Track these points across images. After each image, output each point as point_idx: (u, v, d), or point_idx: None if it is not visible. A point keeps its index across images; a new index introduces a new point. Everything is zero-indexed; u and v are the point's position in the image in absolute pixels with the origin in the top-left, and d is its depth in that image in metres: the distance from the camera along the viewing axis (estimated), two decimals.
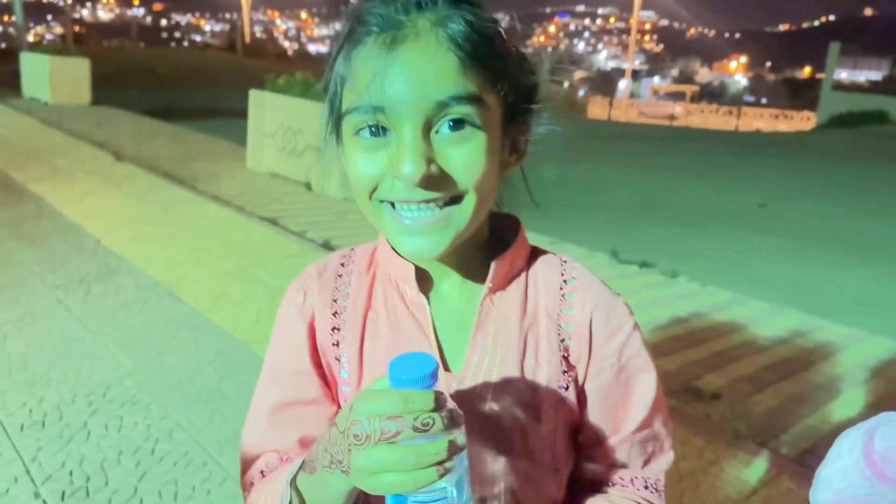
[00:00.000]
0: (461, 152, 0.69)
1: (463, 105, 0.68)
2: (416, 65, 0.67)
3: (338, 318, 0.84)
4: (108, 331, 3.44)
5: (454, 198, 0.71)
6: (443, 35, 0.68)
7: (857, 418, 2.64)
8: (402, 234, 0.73)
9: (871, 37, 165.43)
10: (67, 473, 2.34)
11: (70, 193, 6.08)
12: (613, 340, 0.83)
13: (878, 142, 19.45)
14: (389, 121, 0.69)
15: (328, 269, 0.88)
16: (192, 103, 16.47)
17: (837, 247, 6.98)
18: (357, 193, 0.75)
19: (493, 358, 0.80)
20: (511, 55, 0.75)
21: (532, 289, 0.84)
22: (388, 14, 0.69)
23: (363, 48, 0.69)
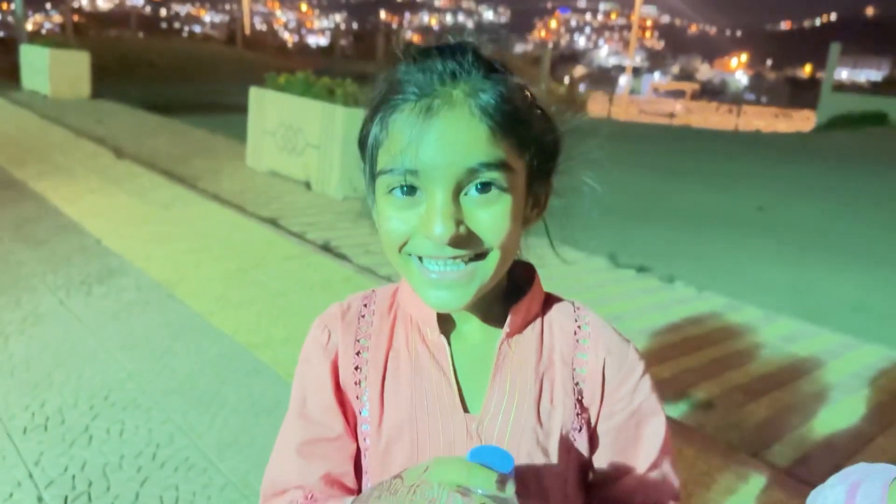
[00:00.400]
0: (488, 214, 0.74)
1: (492, 171, 0.73)
2: (449, 133, 0.71)
3: (360, 357, 0.88)
4: (110, 333, 3.47)
5: (479, 254, 0.76)
6: (475, 105, 0.72)
7: (849, 428, 2.67)
8: (428, 287, 0.77)
9: (872, 36, 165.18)
10: (70, 478, 2.38)
11: (71, 191, 6.10)
12: (625, 385, 0.88)
13: (877, 144, 19.47)
14: (422, 183, 0.73)
15: (351, 310, 0.92)
16: (192, 97, 16.46)
17: (836, 252, 7.01)
18: (387, 246, 0.79)
19: (510, 400, 0.84)
20: (536, 118, 0.80)
21: (547, 334, 0.89)
22: (425, 83, 0.73)
23: (400, 114, 0.74)
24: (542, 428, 0.84)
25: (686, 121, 36.53)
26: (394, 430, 0.85)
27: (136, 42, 36.45)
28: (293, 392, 0.92)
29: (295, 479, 0.88)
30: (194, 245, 4.86)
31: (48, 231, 4.99)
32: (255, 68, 8.84)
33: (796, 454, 2.90)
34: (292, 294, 4.11)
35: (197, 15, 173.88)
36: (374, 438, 0.86)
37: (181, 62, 26.68)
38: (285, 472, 0.89)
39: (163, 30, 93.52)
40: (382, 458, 0.86)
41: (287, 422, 0.91)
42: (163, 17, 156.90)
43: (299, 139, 7.29)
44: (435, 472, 0.63)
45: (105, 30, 56.57)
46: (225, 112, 12.33)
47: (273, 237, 5.19)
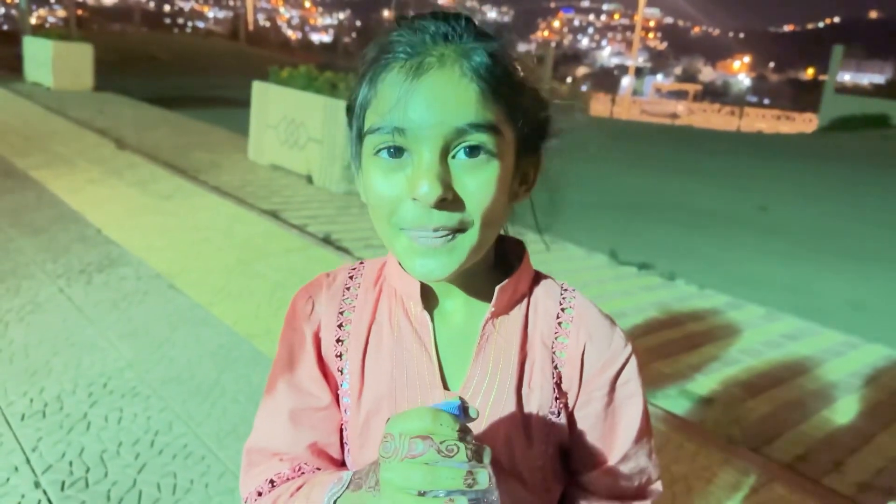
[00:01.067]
0: (475, 179, 0.72)
1: (480, 133, 0.71)
2: (438, 91, 0.70)
3: (342, 329, 0.87)
4: (109, 322, 3.46)
5: (462, 227, 0.74)
6: (466, 66, 0.71)
7: (849, 426, 2.67)
8: (413, 256, 0.75)
9: (875, 39, 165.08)
10: (67, 464, 2.37)
11: (72, 182, 6.09)
12: (605, 373, 0.86)
13: (880, 145, 19.46)
14: (409, 143, 0.71)
15: (336, 281, 0.90)
16: (195, 91, 16.44)
17: (837, 251, 7.00)
18: (375, 217, 0.77)
19: (491, 381, 0.83)
20: (528, 89, 0.78)
21: (532, 315, 0.86)
22: (416, 43, 0.72)
23: (389, 73, 0.72)
24: (521, 411, 0.83)
25: (688, 122, 36.54)
26: (373, 403, 0.84)
27: (140, 36, 36.47)
28: (279, 354, 0.91)
29: (282, 446, 0.88)
30: (195, 236, 4.85)
31: (48, 220, 4.98)
32: (258, 64, 8.81)
33: (797, 450, 2.89)
34: (292, 286, 4.09)
35: (200, 11, 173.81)
36: (354, 411, 0.85)
37: (184, 57, 26.70)
38: (273, 437, 0.89)
39: (166, 25, 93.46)
40: (361, 431, 0.85)
41: (272, 389, 0.90)
42: (166, 12, 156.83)
43: (301, 133, 7.27)
44: (393, 423, 0.62)
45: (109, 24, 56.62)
46: (227, 106, 12.33)
47: (274, 230, 5.18)
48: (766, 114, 42.90)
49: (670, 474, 2.55)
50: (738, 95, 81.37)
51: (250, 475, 0.90)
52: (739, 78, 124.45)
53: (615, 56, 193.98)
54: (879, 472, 2.80)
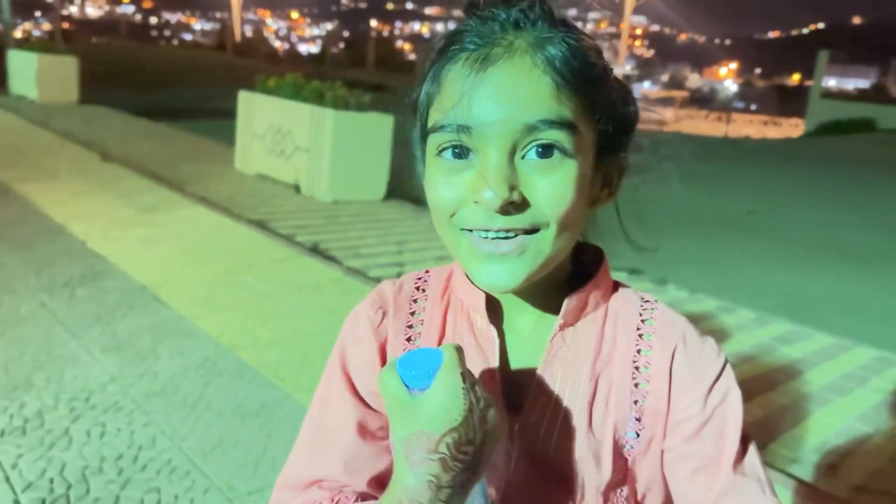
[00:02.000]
0: (547, 181, 0.66)
1: (554, 130, 0.64)
2: (506, 84, 0.64)
3: (411, 343, 0.81)
4: (93, 335, 3.40)
5: (534, 228, 0.67)
6: (539, 57, 0.65)
7: (843, 428, 2.64)
8: (478, 262, 0.69)
9: (859, 45, 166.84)
10: (48, 481, 2.31)
11: (56, 194, 6.03)
12: (700, 385, 0.75)
13: (866, 149, 19.61)
14: (474, 142, 0.66)
15: (403, 291, 0.84)
16: (181, 103, 16.39)
17: (826, 254, 7.01)
18: (436, 217, 0.72)
19: (559, 400, 0.75)
20: (611, 82, 0.72)
21: (610, 328, 0.78)
22: (484, 32, 0.66)
23: (455, 65, 0.67)
24: (594, 433, 0.74)
25: (676, 128, 36.73)
26: None
27: (126, 49, 36.41)
28: (331, 370, 0.83)
29: (326, 470, 0.79)
30: (180, 248, 4.80)
31: (32, 233, 4.91)
32: (245, 75, 8.78)
33: (791, 454, 2.87)
34: (280, 296, 4.04)
35: (187, 23, 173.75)
36: None
37: (171, 68, 26.65)
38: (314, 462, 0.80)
39: (153, 37, 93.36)
40: None
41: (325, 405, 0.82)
42: (153, 24, 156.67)
43: (288, 142, 7.23)
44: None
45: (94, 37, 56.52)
46: (214, 117, 12.27)
47: (261, 240, 5.13)
48: (753, 119, 43.25)
49: None
50: (725, 102, 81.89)
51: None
52: (726, 84, 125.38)
53: None
54: (874, 475, 2.78)
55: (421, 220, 6.22)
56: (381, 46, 67.91)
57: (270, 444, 2.62)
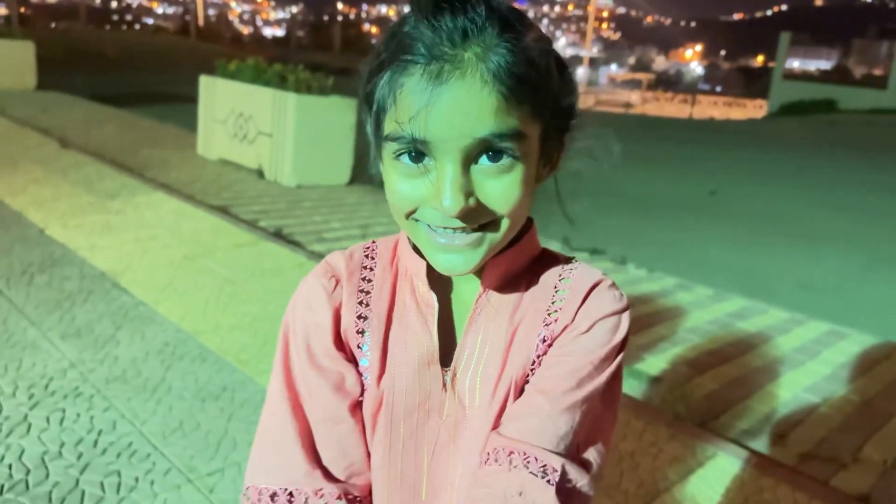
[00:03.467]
0: (499, 184, 0.71)
1: (504, 141, 0.69)
2: (460, 103, 0.67)
3: (363, 307, 0.85)
4: (52, 322, 3.37)
5: (489, 223, 0.74)
6: (486, 71, 0.67)
7: (793, 399, 2.74)
8: (436, 251, 0.75)
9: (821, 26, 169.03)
10: (6, 467, 2.31)
11: (13, 182, 5.92)
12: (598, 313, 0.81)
13: (826, 130, 19.96)
14: (430, 152, 0.70)
15: (354, 259, 0.88)
16: (143, 88, 16.12)
17: (784, 233, 7.17)
18: (394, 211, 0.77)
19: (481, 352, 0.82)
20: (554, 79, 0.75)
21: (531, 287, 0.85)
22: (434, 44, 0.68)
23: (409, 79, 0.69)
24: (505, 376, 0.82)
25: (642, 110, 37.03)
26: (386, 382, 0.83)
27: (86, 34, 35.58)
28: (288, 346, 0.85)
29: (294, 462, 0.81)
30: (140, 234, 4.76)
31: None
32: (209, 59, 8.65)
33: (742, 424, 2.96)
34: (242, 281, 4.04)
35: (149, 7, 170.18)
36: (372, 391, 0.83)
37: (132, 53, 26.15)
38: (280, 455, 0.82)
39: (113, 21, 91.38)
40: (373, 413, 0.83)
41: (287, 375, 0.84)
42: (113, 8, 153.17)
43: (251, 127, 7.18)
44: None
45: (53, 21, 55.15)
46: (176, 102, 12.10)
47: (223, 225, 5.10)
48: (717, 101, 43.72)
49: (617, 452, 2.59)
50: (691, 84, 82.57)
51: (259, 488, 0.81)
52: (692, 66, 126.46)
53: (570, 47, 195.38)
54: (821, 443, 2.88)
55: (385, 204, 6.18)
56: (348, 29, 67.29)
57: (231, 426, 2.64)
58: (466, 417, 0.82)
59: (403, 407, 0.82)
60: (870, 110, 26.42)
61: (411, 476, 0.83)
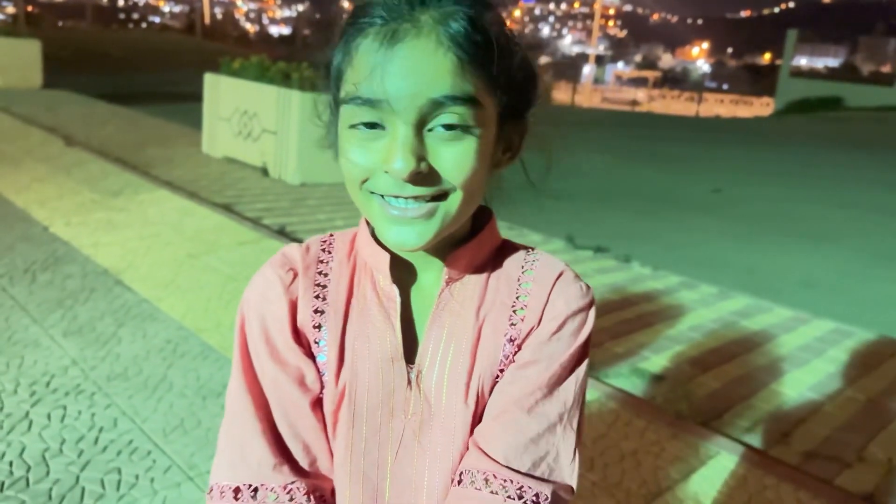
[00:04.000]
0: (452, 152, 0.70)
1: (458, 105, 0.69)
2: (414, 62, 0.67)
3: (319, 300, 0.83)
4: (54, 320, 3.38)
5: (442, 194, 0.72)
6: (443, 33, 0.68)
7: (796, 398, 2.72)
8: (388, 223, 0.74)
9: (829, 23, 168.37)
10: (7, 464, 2.31)
11: (17, 180, 5.94)
12: (565, 311, 0.81)
13: (832, 127, 19.88)
14: (384, 115, 0.69)
15: (311, 253, 0.86)
16: (148, 86, 16.16)
17: (789, 231, 7.14)
18: (348, 181, 0.76)
19: (446, 349, 0.80)
20: (514, 54, 0.75)
21: (494, 280, 0.84)
22: (392, 5, 0.69)
23: (364, 39, 0.70)
24: (476, 377, 0.80)
25: (648, 108, 36.96)
26: (345, 378, 0.81)
27: (92, 32, 35.71)
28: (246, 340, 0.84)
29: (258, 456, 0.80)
30: (144, 232, 4.76)
31: None
32: (214, 57, 8.65)
33: (746, 423, 2.94)
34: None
35: (156, 5, 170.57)
36: (331, 386, 0.81)
37: (138, 52, 26.21)
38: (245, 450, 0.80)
39: (120, 20, 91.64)
40: (334, 408, 0.82)
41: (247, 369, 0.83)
42: (120, 7, 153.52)
43: (255, 125, 7.18)
44: None
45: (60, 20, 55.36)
46: (182, 101, 12.11)
47: (227, 223, 5.11)
48: (724, 99, 43.57)
49: (619, 451, 2.58)
50: (697, 81, 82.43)
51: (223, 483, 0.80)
52: (698, 64, 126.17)
53: (576, 45, 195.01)
54: (824, 441, 2.86)
55: None
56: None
57: None
58: (433, 416, 0.80)
59: (366, 404, 0.80)
60: (877, 108, 26.29)
61: (374, 476, 0.81)
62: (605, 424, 2.75)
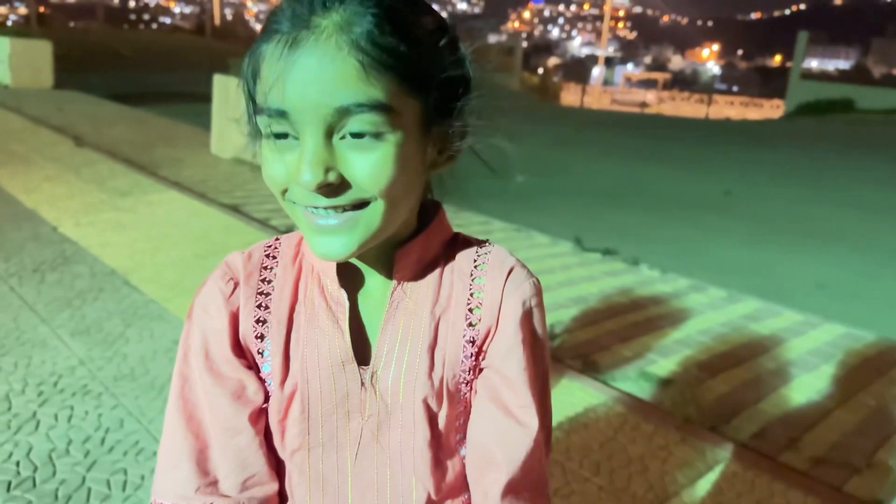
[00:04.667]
0: (365, 159, 0.68)
1: (366, 112, 0.66)
2: (313, 69, 0.65)
3: (262, 310, 0.82)
4: (62, 320, 3.39)
5: (361, 203, 0.71)
6: (345, 38, 0.65)
7: (806, 403, 2.70)
8: (313, 234, 0.73)
9: (839, 26, 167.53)
10: (14, 464, 2.31)
11: (27, 180, 5.97)
12: (518, 312, 0.81)
13: (843, 130, 19.77)
14: (291, 126, 0.68)
15: (253, 259, 0.85)
16: (159, 87, 16.22)
17: (799, 233, 7.09)
18: (271, 190, 0.74)
19: (402, 348, 0.79)
20: (437, 53, 0.72)
21: (448, 275, 0.82)
22: (294, 12, 0.67)
23: (268, 46, 0.68)
24: (434, 376, 0.80)
25: (658, 110, 36.88)
26: (292, 386, 0.80)
27: (103, 33, 35.91)
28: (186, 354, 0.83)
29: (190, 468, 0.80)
30: (152, 232, 4.78)
31: (1, 219, 4.86)
32: (225, 58, 8.71)
33: (753, 428, 2.92)
34: None
35: (166, 6, 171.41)
36: (276, 395, 0.81)
37: (149, 53, 26.34)
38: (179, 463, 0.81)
39: (131, 21, 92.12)
40: (281, 417, 0.81)
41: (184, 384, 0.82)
42: (131, 8, 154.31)
43: None
44: None
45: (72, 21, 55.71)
46: (191, 101, 12.17)
47: (235, 224, 5.12)
48: (734, 101, 43.40)
49: (626, 455, 2.56)
50: (707, 83, 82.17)
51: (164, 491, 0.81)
52: (708, 66, 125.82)
53: (585, 46, 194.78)
54: (834, 447, 2.84)
55: None
56: None
57: None
58: (390, 416, 0.80)
59: (320, 409, 0.80)
60: (889, 110, 26.13)
61: (334, 479, 0.81)
62: (613, 428, 2.74)
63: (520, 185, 7.31)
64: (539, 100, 28.57)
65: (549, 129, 14.18)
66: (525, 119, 14.31)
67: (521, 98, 26.74)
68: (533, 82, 35.92)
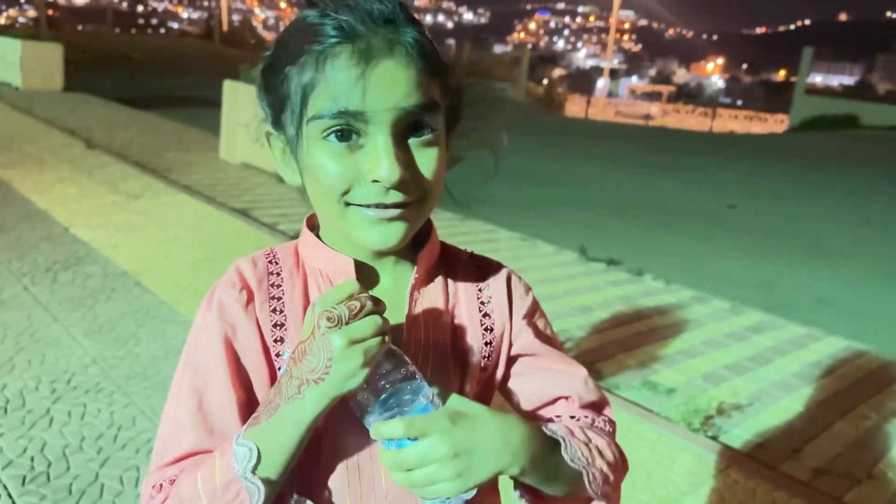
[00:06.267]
0: (427, 157, 0.76)
1: (427, 113, 0.75)
2: (391, 75, 0.72)
3: (277, 314, 0.84)
4: (74, 319, 3.44)
5: (417, 200, 0.77)
6: (408, 49, 0.74)
7: (808, 414, 2.73)
8: (369, 226, 0.77)
9: (844, 41, 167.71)
10: (29, 459, 2.36)
11: (40, 181, 6.03)
12: (525, 310, 0.94)
13: (847, 145, 19.79)
14: (364, 127, 0.73)
15: (259, 267, 0.86)
16: (168, 91, 16.30)
17: (803, 247, 7.11)
18: (323, 196, 0.77)
19: (427, 344, 0.85)
20: (450, 66, 0.81)
21: (451, 281, 0.91)
22: (353, 23, 0.73)
23: (336, 57, 0.72)
24: (457, 371, 0.87)
25: (662, 122, 36.90)
26: None
27: (112, 37, 36.07)
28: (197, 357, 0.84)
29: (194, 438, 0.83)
30: (163, 234, 4.83)
31: (15, 219, 4.93)
32: (233, 64, 8.74)
33: (756, 438, 2.95)
34: None
35: (174, 11, 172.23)
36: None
37: (157, 57, 26.45)
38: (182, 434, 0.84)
39: (139, 25, 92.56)
40: None
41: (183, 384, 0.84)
42: (139, 12, 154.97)
43: None
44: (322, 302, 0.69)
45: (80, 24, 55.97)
46: (200, 106, 12.23)
47: (244, 227, 5.17)
48: (738, 115, 43.34)
49: (630, 463, 2.59)
50: (712, 97, 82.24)
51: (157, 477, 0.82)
52: (713, 79, 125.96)
53: (590, 58, 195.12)
54: (835, 458, 2.87)
55: None
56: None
57: None
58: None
59: (339, 407, 0.79)
60: (893, 126, 26.14)
61: (368, 467, 0.84)
62: (616, 436, 2.77)
63: (525, 195, 7.37)
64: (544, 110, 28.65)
65: (554, 140, 14.24)
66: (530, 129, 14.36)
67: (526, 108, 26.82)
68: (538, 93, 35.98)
